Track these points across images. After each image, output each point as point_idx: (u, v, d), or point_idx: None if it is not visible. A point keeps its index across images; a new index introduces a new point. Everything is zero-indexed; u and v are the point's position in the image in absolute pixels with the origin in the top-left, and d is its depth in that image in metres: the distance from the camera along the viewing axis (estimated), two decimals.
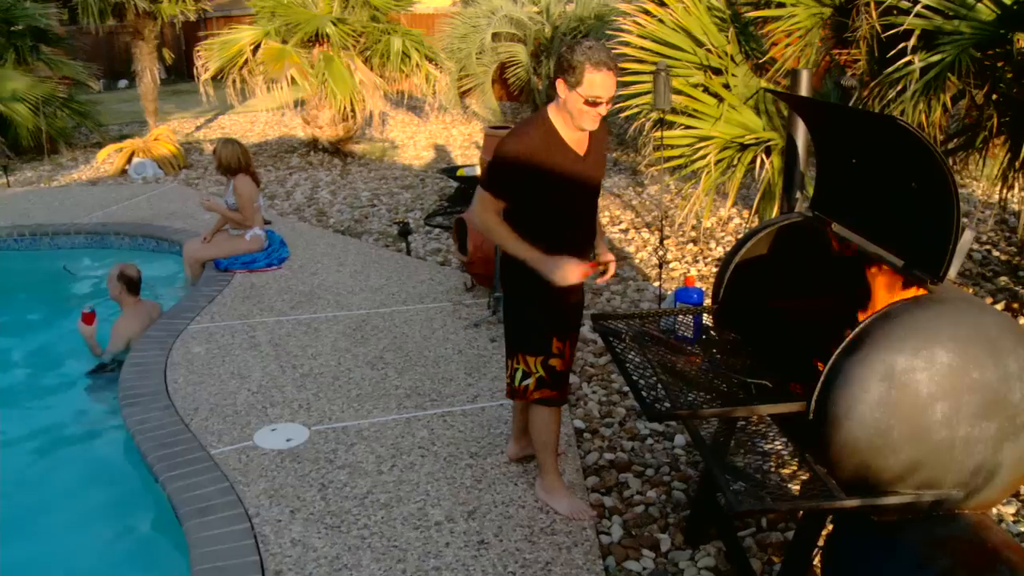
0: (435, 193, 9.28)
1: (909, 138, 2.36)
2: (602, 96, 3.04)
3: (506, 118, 13.71)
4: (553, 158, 3.18)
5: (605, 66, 2.99)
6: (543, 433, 3.54)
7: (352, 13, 10.54)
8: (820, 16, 5.51)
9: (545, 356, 3.38)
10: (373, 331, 5.51)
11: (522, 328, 3.46)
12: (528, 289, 3.34)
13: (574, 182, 3.27)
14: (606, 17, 13.04)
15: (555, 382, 3.42)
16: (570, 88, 3.05)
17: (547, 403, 3.47)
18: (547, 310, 3.37)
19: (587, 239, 3.45)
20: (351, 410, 4.48)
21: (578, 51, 3.00)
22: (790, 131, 3.32)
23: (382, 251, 7.23)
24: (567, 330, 3.46)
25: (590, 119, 3.11)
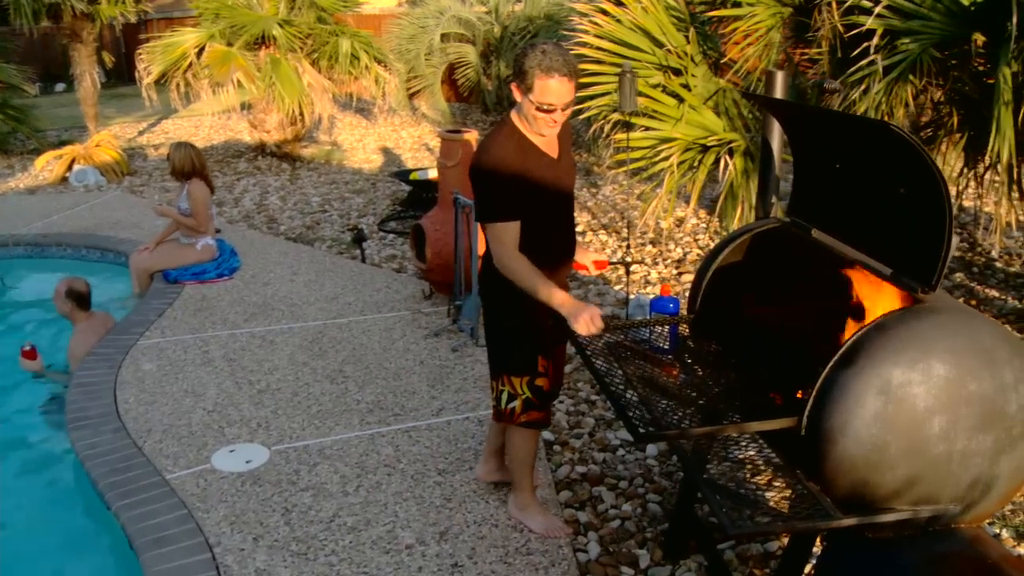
0: (387, 197, 9.11)
1: (900, 144, 2.29)
2: (555, 103, 2.93)
3: (456, 119, 13.57)
4: (529, 164, 3.07)
5: (557, 72, 2.88)
6: (521, 451, 3.43)
7: (299, 14, 10.31)
8: (780, 15, 5.48)
9: (531, 376, 3.25)
10: (331, 343, 5.34)
11: (506, 347, 3.32)
12: (510, 306, 3.22)
13: (552, 186, 3.17)
14: (556, 16, 12.99)
15: (542, 403, 3.30)
16: (523, 93, 2.96)
17: (533, 426, 3.35)
18: (531, 327, 3.23)
19: (570, 244, 3.35)
20: (312, 427, 4.31)
21: (530, 56, 2.89)
22: (765, 135, 3.25)
23: (336, 259, 7.05)
24: (552, 347, 3.33)
25: (545, 125, 3.01)
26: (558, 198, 3.23)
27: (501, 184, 3.00)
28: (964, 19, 4.71)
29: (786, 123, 3.04)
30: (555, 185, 3.18)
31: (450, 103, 14.04)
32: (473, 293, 5.38)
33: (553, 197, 3.19)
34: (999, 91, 4.36)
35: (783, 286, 3.14)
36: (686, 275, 6.72)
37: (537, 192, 3.10)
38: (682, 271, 6.83)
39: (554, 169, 3.16)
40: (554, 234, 3.25)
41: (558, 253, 3.29)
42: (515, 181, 3.01)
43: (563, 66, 2.90)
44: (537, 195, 3.11)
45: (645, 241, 7.40)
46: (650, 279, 6.62)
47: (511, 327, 3.24)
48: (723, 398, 2.92)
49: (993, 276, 6.45)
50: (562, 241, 3.30)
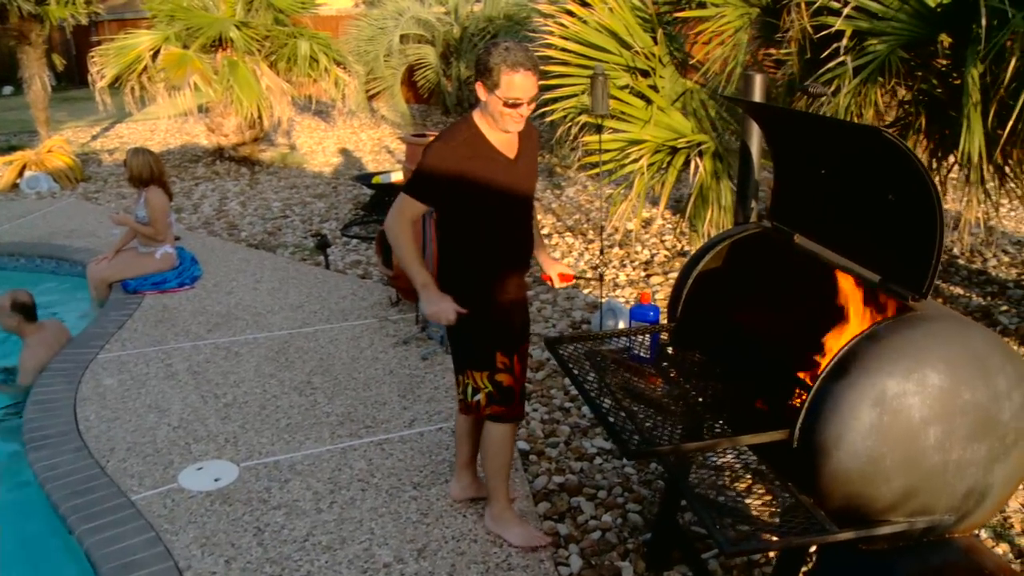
0: (349, 201, 8.98)
1: (890, 149, 2.25)
2: (521, 97, 2.96)
3: (415, 121, 13.45)
4: (482, 163, 3.07)
5: (522, 66, 2.92)
6: (495, 456, 3.36)
7: (256, 16, 10.13)
8: (748, 16, 5.46)
9: (491, 371, 3.23)
10: (297, 353, 5.22)
11: (465, 342, 3.30)
12: (468, 302, 3.18)
13: (506, 187, 3.15)
14: (516, 17, 12.94)
15: (504, 397, 3.27)
16: (489, 91, 2.97)
17: (499, 419, 3.30)
18: (489, 323, 3.22)
19: (524, 247, 3.33)
20: (281, 442, 4.20)
21: (494, 53, 2.93)
22: (744, 139, 3.21)
23: (299, 265, 6.91)
24: (512, 344, 3.29)
25: (512, 121, 3.02)
26: (510, 200, 3.20)
27: (432, 169, 3.04)
28: (931, 20, 4.73)
29: (767, 127, 3.00)
30: (508, 186, 3.16)
31: (410, 105, 13.92)
32: None
33: (504, 198, 3.17)
34: (967, 92, 4.38)
35: (766, 292, 3.10)
36: (654, 277, 6.69)
37: (486, 192, 3.10)
38: (650, 273, 6.80)
39: (509, 171, 3.15)
40: (506, 235, 3.23)
41: (511, 255, 3.28)
42: (456, 174, 3.03)
43: (527, 60, 2.94)
44: (486, 194, 3.11)
45: (612, 243, 7.36)
46: (618, 282, 6.58)
47: (468, 323, 3.20)
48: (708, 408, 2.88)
49: (956, 274, 6.50)
50: (515, 243, 3.29)
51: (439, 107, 14.00)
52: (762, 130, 3.04)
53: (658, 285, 6.53)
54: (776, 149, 3.02)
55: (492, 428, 3.33)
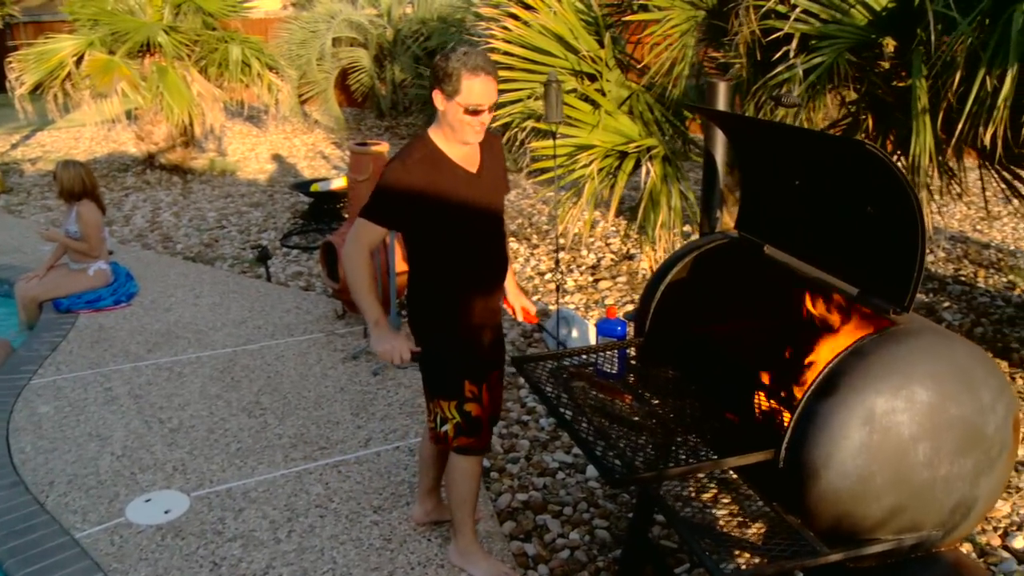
0: (287, 210, 8.76)
1: (872, 162, 2.21)
2: (483, 103, 2.84)
3: (349, 125, 13.24)
4: (441, 180, 2.92)
5: (483, 71, 2.80)
6: (461, 487, 3.23)
7: (184, 20, 9.83)
8: (695, 19, 5.44)
9: (459, 401, 3.09)
10: (244, 372, 5.04)
11: (433, 371, 3.16)
12: (434, 329, 3.07)
13: (470, 203, 3.00)
14: (449, 19, 12.82)
15: (472, 428, 3.13)
16: (448, 98, 2.83)
17: (466, 451, 3.17)
18: (456, 351, 3.08)
19: (494, 266, 3.17)
20: (233, 468, 4.03)
21: (453, 58, 2.80)
22: (708, 147, 3.16)
23: (240, 278, 6.70)
24: (481, 372, 3.15)
25: (472, 130, 2.89)
26: (476, 217, 3.05)
27: (390, 190, 2.90)
28: (877, 24, 4.76)
29: (735, 137, 2.96)
30: (472, 202, 3.01)
31: (344, 109, 13.70)
32: (392, 313, 5.16)
33: (469, 216, 3.02)
34: (915, 95, 4.41)
35: (736, 304, 3.06)
36: (602, 281, 6.65)
37: (449, 210, 2.96)
38: (598, 277, 6.76)
39: (472, 185, 3.00)
40: (475, 255, 3.08)
41: (481, 275, 3.12)
42: (417, 195, 2.89)
43: (488, 64, 2.84)
44: (449, 213, 2.96)
45: (557, 248, 7.31)
46: (567, 288, 6.53)
47: (436, 351, 3.09)
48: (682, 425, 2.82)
49: None
50: (485, 263, 3.13)
51: (373, 111, 13.81)
52: (729, 140, 3.00)
53: (607, 290, 6.50)
54: (744, 159, 2.98)
55: (458, 459, 3.19)
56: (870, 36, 4.76)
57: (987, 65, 4.01)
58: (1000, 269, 6.90)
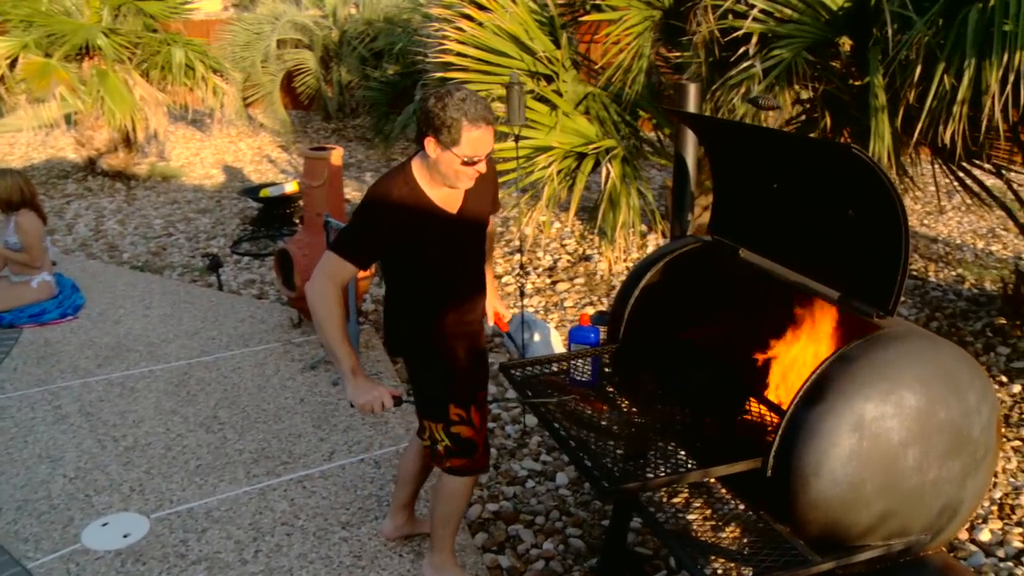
0: (236, 216, 8.56)
1: (858, 165, 2.19)
2: (481, 154, 2.68)
3: (296, 128, 13.01)
4: (419, 224, 2.77)
5: (484, 121, 2.63)
6: (448, 506, 3.12)
7: (124, 22, 9.56)
8: (651, 19, 5.42)
9: (445, 424, 2.98)
10: (199, 385, 4.88)
11: (419, 393, 3.03)
12: (414, 352, 2.97)
13: (447, 245, 2.88)
14: (396, 19, 12.68)
15: (464, 450, 3.02)
16: (444, 148, 2.64)
17: (459, 472, 3.06)
18: (439, 373, 2.97)
19: (473, 298, 3.04)
20: (193, 487, 3.89)
21: (451, 106, 2.59)
22: (679, 150, 3.12)
23: (191, 288, 6.52)
24: (467, 395, 3.02)
25: (468, 179, 2.74)
26: (453, 256, 2.93)
27: (364, 228, 2.73)
28: (833, 23, 4.79)
29: (709, 141, 2.92)
30: (449, 244, 2.89)
31: (290, 111, 13.46)
32: (352, 322, 5.05)
33: (447, 257, 2.90)
34: (873, 94, 4.43)
35: (711, 309, 3.02)
36: (560, 283, 6.61)
37: (425, 251, 2.82)
38: (555, 279, 6.71)
39: (450, 228, 2.86)
40: (452, 291, 2.96)
41: (459, 308, 2.99)
42: (384, 236, 2.74)
43: (488, 112, 2.65)
44: (422, 255, 2.83)
45: (512, 249, 7.25)
46: (525, 290, 6.47)
47: (420, 373, 2.99)
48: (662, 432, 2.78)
49: None
50: (463, 296, 3.01)
51: (320, 113, 13.60)
52: (702, 143, 2.96)
53: (565, 292, 6.46)
54: (717, 162, 2.94)
55: (448, 479, 3.08)
56: (827, 35, 4.79)
57: (945, 63, 4.04)
58: (949, 263, 7.01)
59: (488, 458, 3.16)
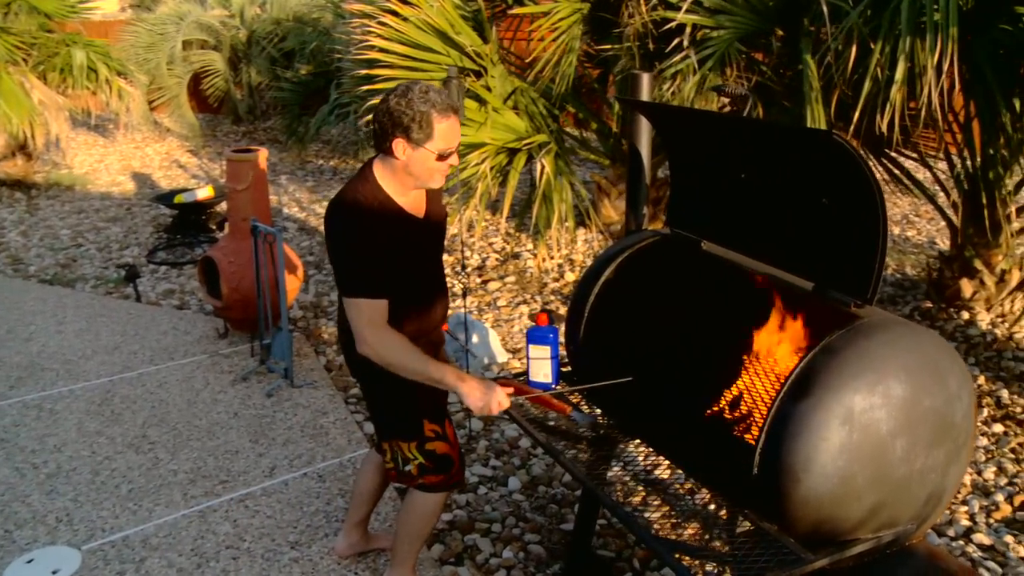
0: (149, 224, 8.20)
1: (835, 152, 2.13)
2: (453, 144, 2.56)
3: (205, 132, 12.59)
4: (398, 235, 2.62)
5: (452, 110, 2.51)
6: (418, 524, 2.97)
7: (16, 21, 9.06)
8: (581, 12, 5.35)
9: (419, 441, 2.83)
10: (124, 403, 4.61)
11: (386, 412, 2.87)
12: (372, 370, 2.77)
13: (420, 251, 2.76)
14: (305, 18, 12.38)
15: (440, 466, 2.88)
16: (416, 145, 2.50)
17: (434, 488, 2.92)
18: (411, 389, 2.76)
19: (441, 306, 2.92)
20: (127, 513, 3.65)
21: (416, 100, 2.46)
22: (633, 142, 3.04)
23: (106, 300, 6.18)
24: (440, 407, 2.90)
25: (441, 175, 2.60)
26: (424, 261, 2.81)
27: (370, 256, 2.55)
28: (764, 14, 4.80)
29: (666, 132, 2.84)
30: (421, 250, 2.77)
31: (198, 115, 13.01)
32: (284, 329, 4.84)
33: (419, 263, 2.77)
34: (807, 83, 4.45)
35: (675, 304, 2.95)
36: (492, 283, 6.50)
37: (404, 262, 2.67)
38: (485, 279, 6.60)
39: (421, 233, 2.74)
40: (422, 299, 2.82)
41: (428, 317, 2.85)
42: (384, 253, 2.58)
43: (451, 100, 2.53)
44: (404, 264, 2.67)
45: (462, 250, 7.11)
46: (455, 291, 6.33)
47: (388, 391, 2.80)
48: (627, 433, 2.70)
49: None
50: (432, 304, 2.87)
51: (230, 116, 13.19)
52: (660, 134, 2.88)
53: (497, 291, 6.35)
54: (676, 153, 2.87)
55: (420, 496, 2.92)
56: (759, 26, 4.80)
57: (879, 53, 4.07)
58: None
59: (464, 470, 3.03)
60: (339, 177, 10.10)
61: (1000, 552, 3.57)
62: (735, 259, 2.70)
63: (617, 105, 6.37)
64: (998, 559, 3.52)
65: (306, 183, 9.83)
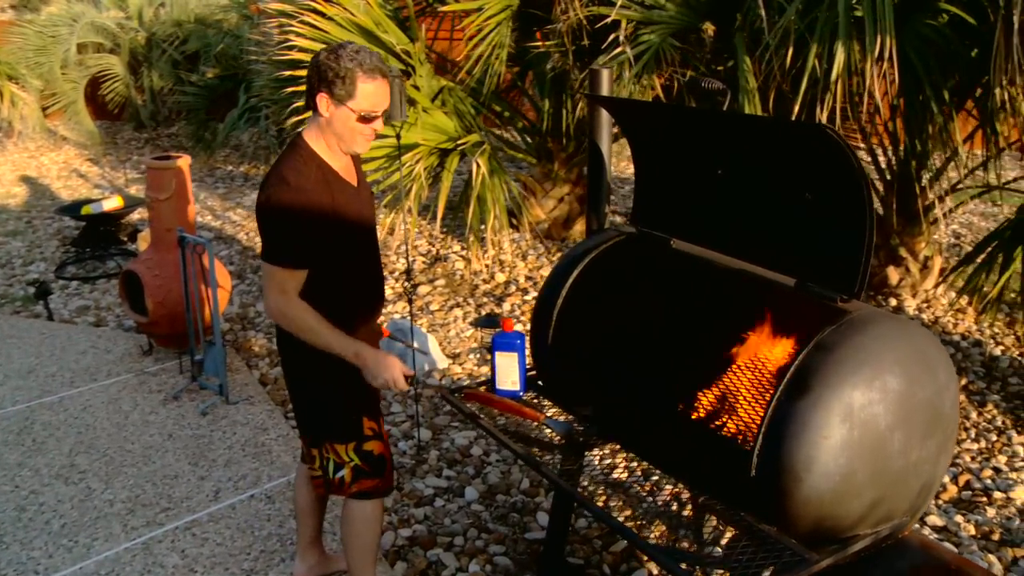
0: (53, 237, 7.78)
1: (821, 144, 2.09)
2: (378, 109, 2.51)
3: (105, 139, 12.06)
4: (335, 198, 2.56)
5: (379, 72, 2.48)
6: (362, 534, 2.86)
7: None
8: (511, 9, 5.26)
9: (358, 441, 2.73)
10: (46, 431, 4.32)
11: (321, 413, 2.76)
12: (320, 365, 2.67)
13: (357, 222, 2.68)
14: (208, 19, 11.98)
15: (376, 469, 2.79)
16: (338, 103, 2.46)
17: (369, 495, 2.81)
18: (348, 387, 2.69)
19: (380, 287, 2.86)
20: (61, 551, 3.40)
21: (344, 57, 2.43)
22: (593, 138, 2.97)
23: (14, 320, 5.82)
24: (377, 404, 2.83)
25: (364, 139, 2.56)
26: (363, 234, 2.74)
27: (298, 223, 2.48)
28: (697, 9, 4.80)
29: (631, 127, 2.78)
30: (360, 219, 2.71)
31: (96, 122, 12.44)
32: (217, 344, 4.62)
33: (357, 235, 2.71)
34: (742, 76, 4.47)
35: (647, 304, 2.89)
36: (422, 287, 6.37)
37: (343, 229, 2.61)
38: (416, 282, 6.46)
39: (356, 200, 2.68)
40: (361, 277, 2.75)
41: (368, 298, 2.80)
42: (318, 220, 2.51)
43: (383, 65, 2.50)
44: (343, 233, 2.61)
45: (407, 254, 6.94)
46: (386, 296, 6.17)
47: (324, 390, 2.70)
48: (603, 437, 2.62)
49: None
50: (371, 284, 2.81)
51: (132, 122, 12.66)
52: (624, 130, 2.82)
53: (428, 295, 6.22)
54: (641, 149, 2.81)
55: (358, 505, 2.82)
56: (692, 21, 4.80)
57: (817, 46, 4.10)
58: None
59: (394, 474, 2.94)
60: (251, 183, 9.78)
61: (953, 532, 3.64)
62: (708, 256, 2.65)
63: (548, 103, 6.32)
64: (952, 540, 3.59)
65: (217, 190, 9.50)
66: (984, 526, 3.66)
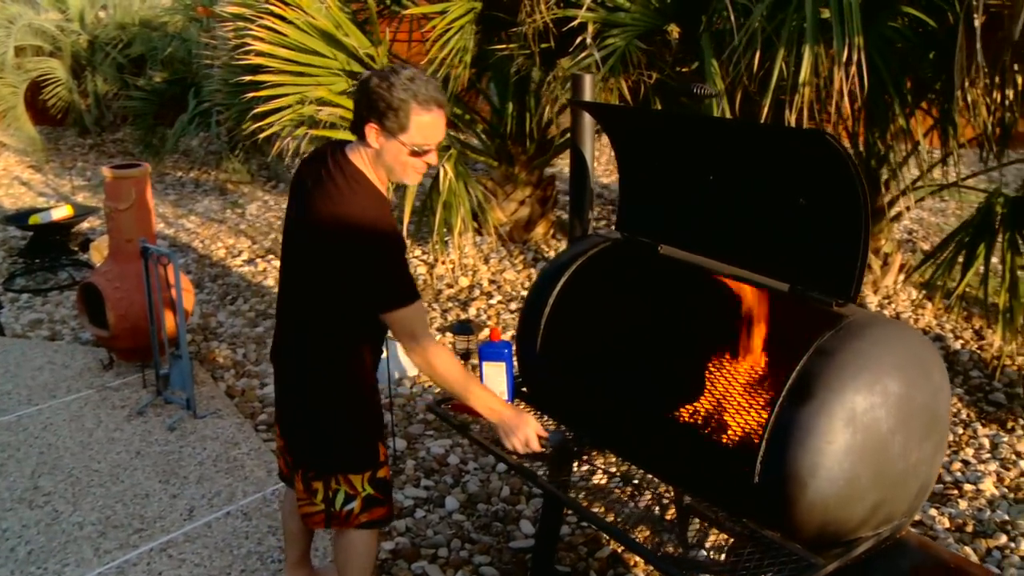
0: None
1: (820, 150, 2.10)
2: (432, 143, 2.37)
3: (48, 146, 11.74)
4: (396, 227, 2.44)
5: (436, 103, 2.33)
6: (362, 558, 2.77)
7: None
8: (474, 11, 5.22)
9: (373, 470, 2.64)
10: (6, 452, 4.18)
11: (337, 444, 2.63)
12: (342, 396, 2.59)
13: None
14: (153, 22, 11.74)
15: (386, 495, 2.72)
16: (389, 135, 2.32)
17: (376, 525, 2.73)
18: (365, 414, 2.63)
19: None
20: None
21: (398, 86, 2.27)
22: (576, 143, 2.95)
23: None
24: (383, 426, 2.75)
25: (416, 173, 2.42)
26: None
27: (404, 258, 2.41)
28: (662, 11, 4.81)
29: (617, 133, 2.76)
30: None
31: (38, 127, 12.09)
32: (184, 357, 4.51)
33: None
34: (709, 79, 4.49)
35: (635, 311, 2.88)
36: None
37: None
38: None
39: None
40: None
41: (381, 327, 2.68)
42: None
43: (440, 94, 2.35)
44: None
45: None
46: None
47: (341, 421, 2.60)
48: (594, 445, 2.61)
49: None
50: None
51: (75, 128, 12.33)
52: (611, 137, 2.80)
53: None
54: (627, 154, 2.80)
55: (360, 534, 2.72)
56: (656, 23, 4.81)
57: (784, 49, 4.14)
58: None
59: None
60: (202, 190, 9.59)
61: (928, 526, 3.70)
62: (697, 262, 2.65)
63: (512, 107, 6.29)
64: (928, 533, 3.65)
65: (168, 197, 9.30)
66: (958, 518, 3.72)
